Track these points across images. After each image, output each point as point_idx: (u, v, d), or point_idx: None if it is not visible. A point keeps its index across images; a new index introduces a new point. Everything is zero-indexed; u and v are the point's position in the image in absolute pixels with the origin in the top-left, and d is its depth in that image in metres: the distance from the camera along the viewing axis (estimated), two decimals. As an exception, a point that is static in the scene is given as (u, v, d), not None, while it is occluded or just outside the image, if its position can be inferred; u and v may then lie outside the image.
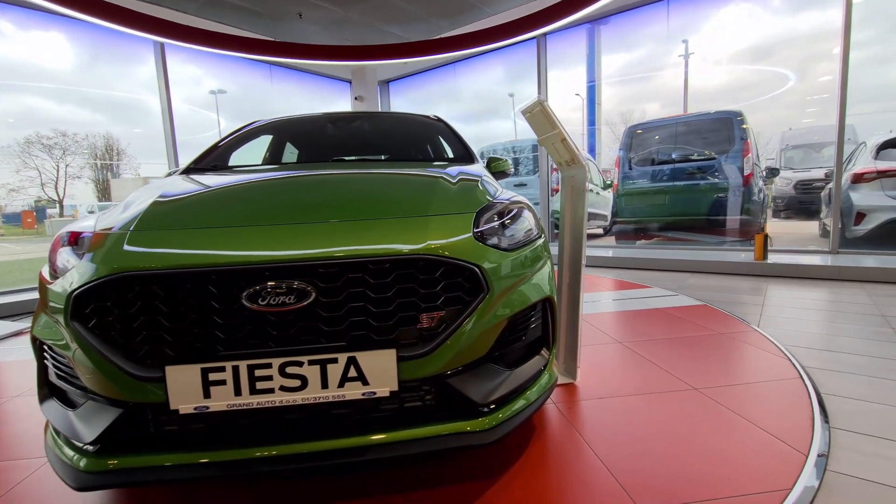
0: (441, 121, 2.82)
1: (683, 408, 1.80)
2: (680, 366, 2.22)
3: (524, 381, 1.37)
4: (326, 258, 1.12)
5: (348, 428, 1.17)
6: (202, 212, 1.41)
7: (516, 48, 7.37)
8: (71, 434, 1.15)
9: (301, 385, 1.10)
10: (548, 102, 1.92)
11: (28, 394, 2.25)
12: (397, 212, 1.34)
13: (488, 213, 1.43)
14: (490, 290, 1.23)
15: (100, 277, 1.09)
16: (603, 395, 1.94)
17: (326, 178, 1.78)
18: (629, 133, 7.11)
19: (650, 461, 1.45)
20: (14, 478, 1.51)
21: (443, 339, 1.17)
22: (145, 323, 1.09)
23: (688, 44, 8.07)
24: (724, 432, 1.61)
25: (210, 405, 1.08)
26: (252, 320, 1.10)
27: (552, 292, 1.49)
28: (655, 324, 2.97)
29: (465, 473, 1.42)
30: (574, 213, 2.05)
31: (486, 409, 1.26)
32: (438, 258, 1.18)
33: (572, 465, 1.46)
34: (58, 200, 12.73)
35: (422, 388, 1.22)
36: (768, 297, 3.63)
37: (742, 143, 5.87)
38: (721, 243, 6.12)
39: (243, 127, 2.72)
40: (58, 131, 10.57)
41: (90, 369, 1.10)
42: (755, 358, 2.32)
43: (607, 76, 8.83)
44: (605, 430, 1.65)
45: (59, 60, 6.44)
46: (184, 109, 6.98)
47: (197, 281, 1.09)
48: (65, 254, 1.28)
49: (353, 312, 1.13)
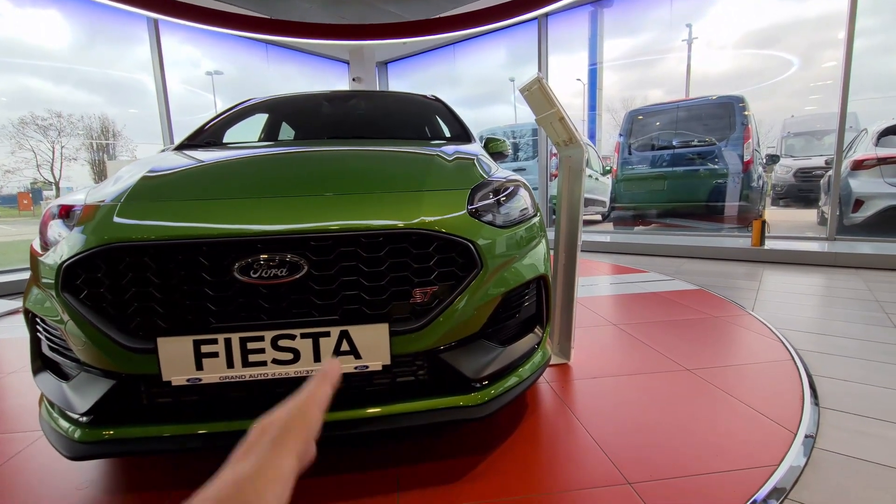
0: (439, 100, 2.78)
1: (675, 388, 1.81)
2: (674, 348, 2.23)
3: (517, 357, 1.38)
4: (319, 231, 1.11)
5: (341, 402, 1.18)
6: (194, 184, 1.39)
7: (517, 31, 7.26)
8: (64, 405, 1.16)
9: (293, 358, 1.10)
10: (546, 80, 1.89)
11: (24, 370, 2.25)
12: (391, 187, 1.33)
13: (483, 189, 1.42)
14: (484, 266, 1.22)
15: (90, 248, 1.09)
16: (596, 374, 1.95)
17: (321, 154, 1.76)
18: (629, 118, 7.05)
19: (640, 438, 1.46)
20: (10, 450, 1.52)
21: (436, 314, 1.17)
22: (137, 294, 1.09)
23: (691, 28, 7.96)
24: (714, 411, 1.62)
25: (202, 377, 1.08)
26: (244, 293, 1.10)
27: (547, 271, 1.48)
28: (651, 307, 2.98)
29: (458, 447, 1.44)
30: (571, 194, 2.04)
31: (478, 385, 1.26)
32: (432, 233, 1.17)
33: (564, 441, 1.47)
34: (54, 182, 12.62)
35: (414, 363, 1.23)
36: (764, 283, 3.64)
37: (743, 129, 5.82)
38: (719, 230, 6.12)
39: (238, 104, 2.69)
40: (53, 112, 10.42)
41: (82, 341, 1.10)
42: (748, 341, 2.33)
43: (609, 61, 8.72)
44: (597, 409, 1.67)
45: (55, 39, 6.32)
46: (181, 91, 6.89)
47: (188, 252, 1.08)
48: (55, 226, 1.27)
49: (345, 286, 1.13)
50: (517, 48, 8.47)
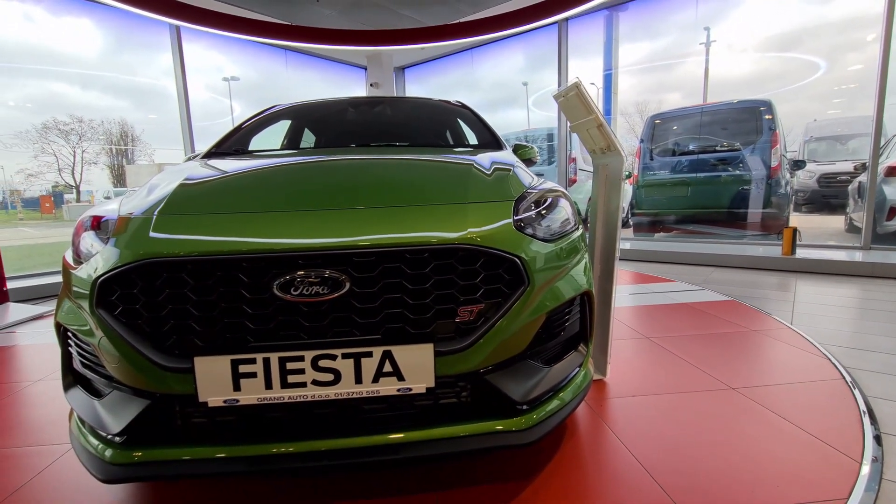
0: (466, 107, 2.73)
1: (722, 408, 1.72)
2: (713, 364, 2.14)
3: (562, 378, 1.31)
4: (363, 246, 1.06)
5: (381, 424, 1.12)
6: (231, 196, 1.35)
7: (535, 36, 7.20)
8: (97, 424, 1.12)
9: (334, 379, 1.05)
10: (584, 86, 1.82)
11: (50, 378, 2.24)
12: (433, 199, 1.28)
13: (526, 201, 1.36)
14: (531, 282, 1.16)
15: (126, 263, 1.05)
16: (635, 392, 1.87)
17: (358, 163, 1.72)
18: (651, 123, 6.92)
19: (690, 463, 1.38)
20: (38, 464, 1.49)
21: (481, 333, 1.11)
22: (173, 312, 1.04)
23: (709, 32, 7.81)
24: (768, 435, 1.53)
25: (240, 398, 1.03)
26: (283, 311, 1.05)
27: (590, 286, 1.41)
28: (682, 319, 2.88)
29: (498, 472, 1.37)
30: (608, 204, 1.96)
31: (524, 408, 1.20)
32: (479, 248, 1.11)
33: (609, 465, 1.40)
34: (74, 186, 12.89)
35: (457, 385, 1.17)
36: (799, 294, 3.51)
37: (770, 134, 5.66)
38: (745, 237, 5.95)
39: (263, 111, 2.66)
40: (74, 117, 10.65)
41: (116, 358, 1.06)
42: (792, 357, 2.22)
43: (624, 65, 8.60)
44: (640, 430, 1.58)
45: (85, 46, 6.46)
46: (200, 97, 6.95)
47: (227, 268, 1.03)
48: (88, 238, 1.24)
49: (388, 304, 1.07)
50: (534, 52, 8.40)
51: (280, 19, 6.47)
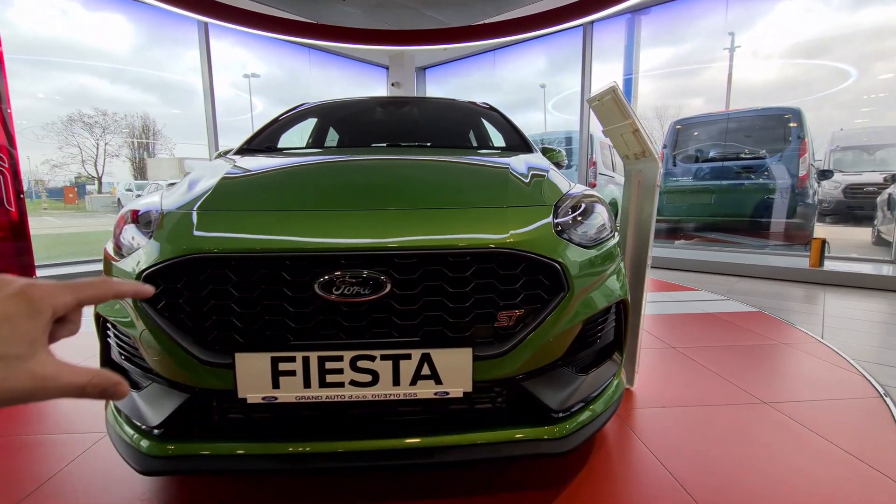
0: (494, 109, 2.71)
1: (755, 423, 1.68)
2: (743, 376, 2.09)
3: (597, 387, 1.29)
4: (405, 248, 1.05)
5: (416, 427, 1.12)
6: (272, 193, 1.35)
7: (555, 39, 7.14)
8: (136, 416, 1.13)
9: (372, 380, 1.04)
10: (620, 90, 1.80)
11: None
12: (473, 202, 1.26)
13: (563, 206, 1.34)
14: (570, 288, 1.14)
15: (171, 258, 1.05)
16: (664, 403, 1.83)
17: (396, 164, 1.72)
18: (674, 129, 6.82)
19: (726, 479, 1.34)
20: (71, 452, 1.52)
21: (520, 339, 1.09)
22: (215, 308, 1.05)
23: (734, 37, 7.66)
24: (805, 453, 1.49)
25: (279, 396, 1.03)
26: (324, 310, 1.05)
27: (626, 294, 1.39)
28: (708, 329, 2.82)
29: (525, 480, 1.35)
30: (641, 211, 1.93)
31: (559, 416, 1.18)
32: (521, 252, 1.10)
33: (642, 477, 1.37)
34: (96, 177, 13.18)
35: (493, 390, 1.15)
36: (828, 307, 3.42)
37: (799, 142, 5.54)
38: (769, 247, 5.83)
39: (291, 109, 2.68)
40: (98, 110, 10.89)
41: (158, 352, 1.07)
42: (825, 372, 2.16)
43: (645, 70, 8.47)
44: (672, 443, 1.55)
45: (117, 41, 6.62)
46: (226, 94, 7.05)
47: (270, 266, 1.04)
48: (130, 231, 1.25)
49: (428, 307, 1.07)
50: (553, 56, 8.34)
51: (306, 18, 6.53)
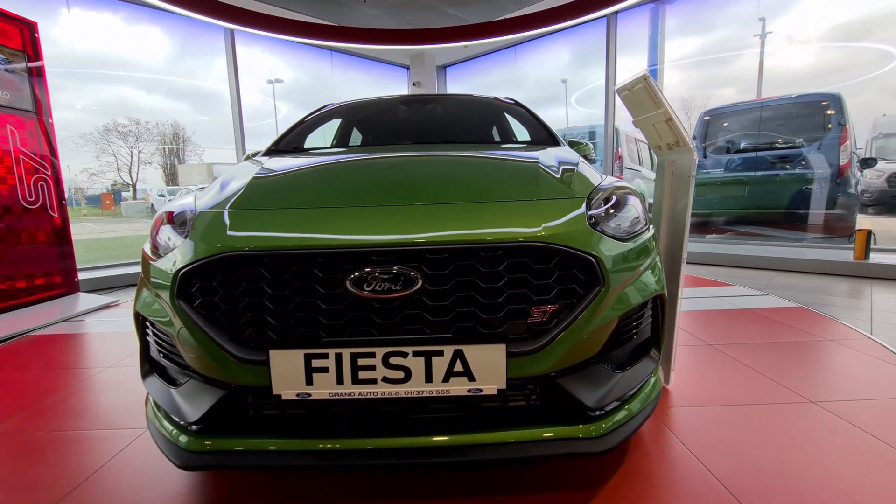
0: (520, 104, 2.67)
1: (803, 423, 1.60)
2: (787, 374, 1.99)
3: (635, 384, 1.25)
4: (437, 242, 1.03)
5: (448, 425, 1.10)
6: (303, 192, 1.37)
7: (577, 32, 7.01)
8: (174, 412, 1.15)
9: (404, 377, 1.03)
10: (651, 78, 1.74)
11: (119, 365, 2.36)
12: (503, 195, 1.24)
13: (596, 199, 1.30)
14: (606, 283, 1.10)
15: (206, 257, 1.07)
16: (703, 402, 1.76)
17: (424, 160, 1.71)
18: (704, 120, 6.60)
19: (775, 483, 1.28)
20: (112, 448, 1.56)
21: (555, 335, 1.06)
22: (249, 305, 1.06)
23: (765, 23, 7.36)
24: (860, 456, 1.40)
25: (312, 392, 1.03)
26: (356, 307, 1.04)
27: (663, 289, 1.34)
28: (747, 326, 2.71)
29: (559, 480, 1.32)
30: (675, 203, 1.87)
31: (596, 414, 1.14)
32: (555, 246, 1.07)
33: (682, 479, 1.32)
34: (131, 184, 13.73)
35: (527, 387, 1.13)
36: (876, 301, 3.24)
37: (840, 129, 5.27)
38: (807, 240, 5.57)
39: (317, 110, 2.71)
40: (132, 119, 11.34)
41: (195, 349, 1.08)
42: (876, 370, 2.04)
43: (670, 60, 8.23)
44: (713, 443, 1.49)
45: (154, 52, 6.94)
46: (252, 100, 7.23)
47: (303, 263, 1.04)
48: (166, 231, 1.28)
49: (460, 303, 1.05)
50: (576, 50, 8.20)
51: (328, 21, 6.61)
